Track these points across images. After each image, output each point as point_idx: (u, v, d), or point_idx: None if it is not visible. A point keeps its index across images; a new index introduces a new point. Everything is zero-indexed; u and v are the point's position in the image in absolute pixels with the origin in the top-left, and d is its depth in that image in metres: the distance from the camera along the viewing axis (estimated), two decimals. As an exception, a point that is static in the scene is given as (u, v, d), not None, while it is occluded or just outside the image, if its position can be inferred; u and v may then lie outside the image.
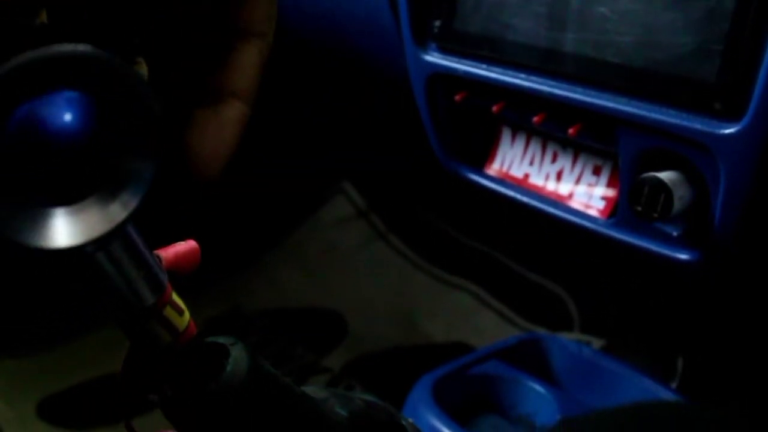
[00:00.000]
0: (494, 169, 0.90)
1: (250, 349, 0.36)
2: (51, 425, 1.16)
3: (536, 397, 1.00)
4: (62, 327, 1.26)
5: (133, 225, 0.32)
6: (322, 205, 1.50)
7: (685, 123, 0.65)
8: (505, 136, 0.89)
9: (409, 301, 1.39)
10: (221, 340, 0.36)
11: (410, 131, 1.02)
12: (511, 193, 0.87)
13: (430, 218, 1.51)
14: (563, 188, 0.84)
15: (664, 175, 0.67)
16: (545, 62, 0.77)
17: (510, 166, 0.89)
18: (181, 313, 0.35)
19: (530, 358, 1.08)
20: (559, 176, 0.84)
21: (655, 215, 0.67)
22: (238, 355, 0.35)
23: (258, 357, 0.36)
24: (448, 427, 0.92)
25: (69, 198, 0.28)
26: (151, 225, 0.37)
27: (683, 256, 0.71)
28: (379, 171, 1.54)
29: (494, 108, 0.84)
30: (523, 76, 0.80)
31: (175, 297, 0.35)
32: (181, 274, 0.36)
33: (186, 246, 0.36)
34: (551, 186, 0.85)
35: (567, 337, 1.19)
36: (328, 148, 1.46)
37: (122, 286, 0.33)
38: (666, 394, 0.98)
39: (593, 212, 0.80)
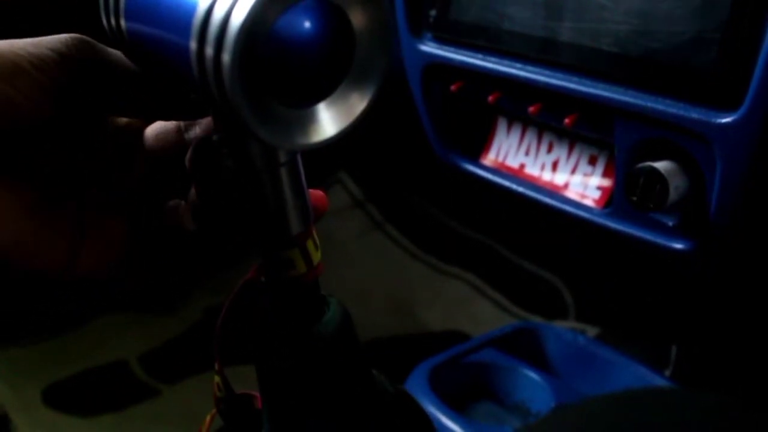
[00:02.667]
0: (490, 159, 0.91)
1: (343, 305, 0.39)
2: (56, 411, 1.16)
3: (531, 384, 1.00)
4: (66, 313, 1.27)
5: (300, 157, 0.36)
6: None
7: (682, 113, 0.65)
8: (501, 126, 0.90)
9: (406, 290, 1.39)
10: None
11: (406, 121, 1.02)
12: (506, 183, 0.88)
13: (427, 208, 1.51)
14: (559, 178, 0.84)
15: (660, 165, 0.67)
16: (541, 52, 0.77)
17: (506, 157, 0.89)
18: (317, 248, 0.38)
19: (526, 347, 1.09)
20: (554, 166, 0.85)
21: (651, 205, 0.67)
22: (336, 307, 0.39)
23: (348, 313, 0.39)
24: (445, 414, 0.93)
25: (319, 95, 0.32)
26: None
27: (678, 246, 0.72)
28: (376, 161, 1.54)
29: (490, 98, 0.84)
30: (519, 65, 0.80)
31: (315, 234, 0.38)
32: (315, 215, 0.38)
33: (317, 193, 0.39)
34: (547, 176, 0.85)
35: (562, 326, 1.19)
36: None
37: (277, 209, 0.36)
38: (660, 382, 0.99)
39: (589, 202, 0.81)
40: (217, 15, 0.28)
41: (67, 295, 1.25)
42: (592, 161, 0.81)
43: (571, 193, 0.83)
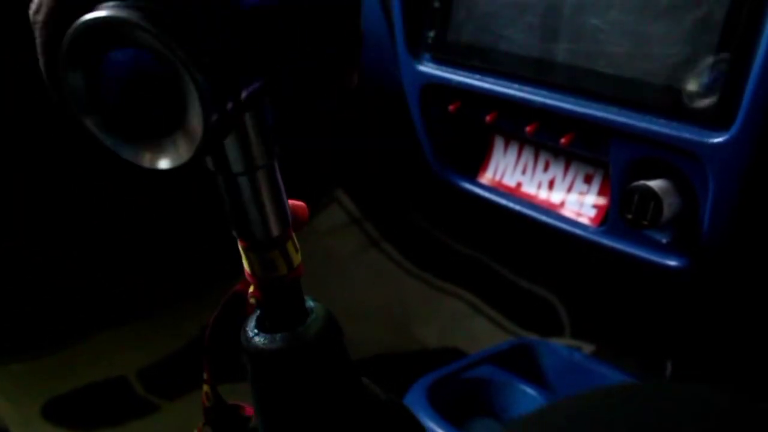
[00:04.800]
0: (487, 177, 0.92)
1: (328, 309, 0.41)
2: (56, 426, 1.16)
3: (528, 400, 1.01)
4: (65, 328, 1.27)
5: (277, 163, 0.37)
6: (315, 213, 1.50)
7: (675, 132, 0.67)
8: (498, 145, 0.91)
9: (403, 307, 1.40)
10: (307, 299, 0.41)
11: (403, 139, 1.03)
12: (503, 201, 0.89)
13: (424, 226, 1.52)
14: (555, 196, 0.85)
15: (654, 184, 0.68)
16: (538, 73, 0.78)
17: (503, 175, 0.90)
18: (297, 250, 0.40)
19: (522, 363, 1.09)
20: (551, 185, 0.86)
21: (645, 223, 0.68)
22: (319, 311, 0.40)
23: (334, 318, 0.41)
24: (443, 429, 0.93)
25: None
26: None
27: (672, 263, 0.73)
28: (373, 179, 1.55)
29: (487, 118, 0.86)
30: (515, 86, 0.81)
31: (294, 236, 0.39)
32: (296, 223, 0.40)
33: (298, 203, 0.41)
34: (543, 194, 0.86)
35: (558, 343, 1.20)
36: (322, 156, 1.47)
37: (256, 212, 0.37)
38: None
39: (584, 220, 0.82)
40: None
41: (67, 310, 1.25)
42: (588, 180, 0.82)
43: (567, 212, 0.84)
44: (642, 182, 0.69)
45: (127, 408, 1.21)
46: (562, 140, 0.78)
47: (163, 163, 0.31)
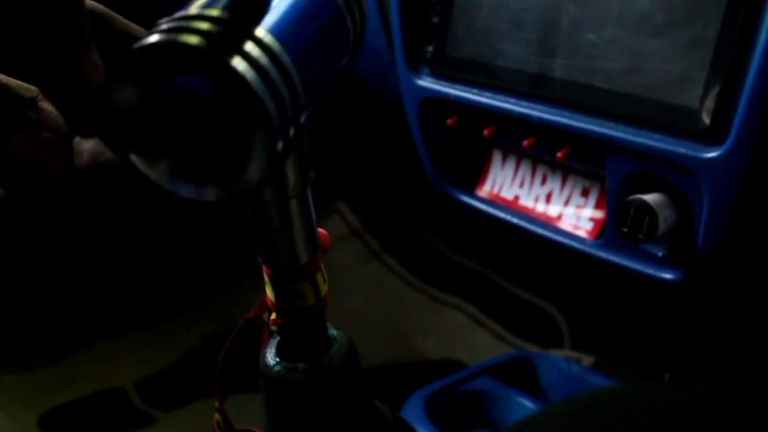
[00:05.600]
0: (485, 190, 0.92)
1: (349, 337, 0.40)
2: (52, 439, 1.16)
3: (526, 412, 1.01)
4: (62, 339, 1.26)
5: (310, 190, 0.36)
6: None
7: (670, 147, 0.67)
8: (496, 158, 0.91)
9: (403, 318, 1.40)
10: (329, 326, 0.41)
11: (403, 152, 1.04)
12: (501, 214, 0.89)
13: (424, 238, 1.52)
14: (552, 210, 0.86)
15: (650, 198, 0.69)
16: (535, 87, 0.79)
17: (500, 188, 0.91)
18: (325, 280, 0.39)
19: (520, 375, 1.10)
20: (548, 198, 0.86)
21: (641, 236, 0.69)
22: (342, 339, 0.40)
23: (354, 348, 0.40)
24: (441, 442, 0.94)
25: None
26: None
27: (668, 276, 0.73)
28: (373, 191, 1.55)
29: (485, 132, 0.86)
30: (513, 100, 0.82)
31: (322, 267, 0.39)
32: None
33: (321, 231, 0.40)
34: (541, 207, 0.87)
35: (557, 354, 1.20)
36: (322, 168, 1.47)
37: (285, 240, 0.36)
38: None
39: (582, 233, 0.82)
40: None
41: (63, 320, 1.25)
42: (585, 193, 0.83)
43: (565, 225, 0.84)
44: (637, 196, 0.69)
45: (125, 420, 1.20)
46: (559, 154, 0.79)
47: (226, 196, 0.30)
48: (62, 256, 1.23)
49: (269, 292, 0.39)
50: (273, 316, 0.39)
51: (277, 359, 0.39)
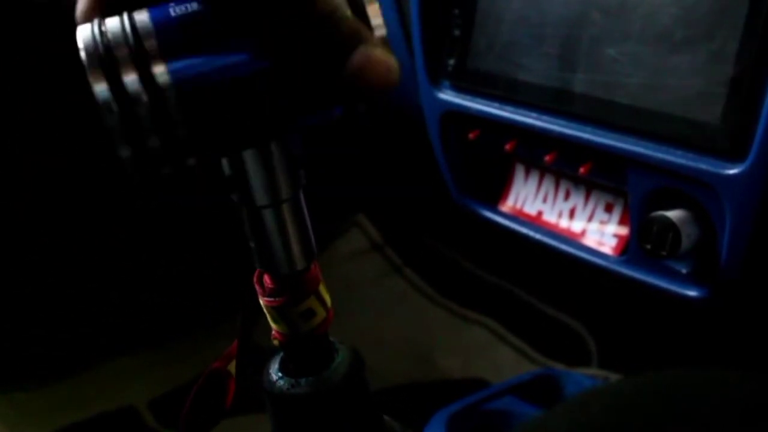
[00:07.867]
0: (508, 206, 0.92)
1: (354, 349, 0.41)
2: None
3: (550, 432, 1.00)
4: (73, 357, 1.25)
5: (303, 195, 0.37)
6: (336, 238, 1.49)
7: (691, 163, 0.66)
8: (519, 173, 0.91)
9: (425, 335, 1.38)
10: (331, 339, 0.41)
11: (425, 165, 1.03)
12: (524, 230, 0.88)
13: (446, 252, 1.50)
14: (576, 226, 0.85)
15: (673, 214, 0.68)
16: (556, 102, 0.78)
17: (523, 203, 0.90)
18: (326, 291, 0.39)
19: (545, 394, 1.08)
20: (572, 214, 0.85)
21: (664, 253, 0.68)
22: (344, 352, 0.40)
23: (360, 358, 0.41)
24: (462, 462, 0.93)
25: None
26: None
27: (692, 293, 0.72)
28: (394, 204, 1.54)
29: (507, 146, 0.86)
30: (534, 115, 0.81)
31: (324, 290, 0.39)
32: None
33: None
34: (564, 223, 0.86)
35: (584, 373, 1.18)
36: (342, 181, 1.46)
37: (281, 245, 0.37)
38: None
39: (606, 249, 0.81)
40: None
41: (76, 338, 1.24)
42: (609, 209, 0.82)
43: (589, 241, 0.83)
44: (660, 213, 0.68)
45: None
46: (581, 169, 0.78)
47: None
48: (73, 272, 1.23)
49: (269, 318, 0.38)
50: (273, 331, 0.39)
51: (280, 374, 0.39)
